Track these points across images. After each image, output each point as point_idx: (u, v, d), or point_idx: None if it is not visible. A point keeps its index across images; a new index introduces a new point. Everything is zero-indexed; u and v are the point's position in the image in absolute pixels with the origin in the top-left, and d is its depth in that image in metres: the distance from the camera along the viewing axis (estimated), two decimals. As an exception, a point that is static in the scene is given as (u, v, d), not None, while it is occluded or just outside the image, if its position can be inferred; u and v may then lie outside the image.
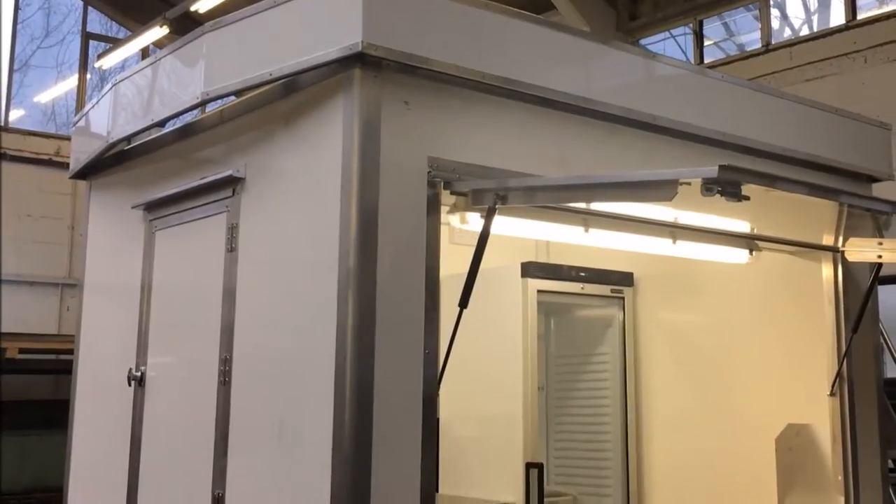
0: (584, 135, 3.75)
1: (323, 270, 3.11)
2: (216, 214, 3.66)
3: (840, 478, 4.42)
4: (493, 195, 3.18)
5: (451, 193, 3.28)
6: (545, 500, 5.08)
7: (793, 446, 4.68)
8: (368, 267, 3.05)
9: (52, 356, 10.91)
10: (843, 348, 4.49)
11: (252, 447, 3.38)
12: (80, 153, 4.69)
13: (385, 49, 3.10)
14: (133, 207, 4.22)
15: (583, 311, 5.93)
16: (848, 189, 4.48)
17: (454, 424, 5.47)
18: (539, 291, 5.36)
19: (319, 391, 3.06)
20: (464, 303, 3.20)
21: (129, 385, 4.03)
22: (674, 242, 4.21)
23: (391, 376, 3.07)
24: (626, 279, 5.70)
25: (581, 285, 5.57)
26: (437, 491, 5.16)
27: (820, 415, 4.56)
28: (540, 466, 5.05)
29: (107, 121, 4.31)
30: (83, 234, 4.78)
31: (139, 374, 3.99)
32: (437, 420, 5.31)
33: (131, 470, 4.01)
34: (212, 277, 3.62)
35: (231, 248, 3.55)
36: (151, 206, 4.11)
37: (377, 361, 3.04)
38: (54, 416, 6.82)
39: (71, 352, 4.82)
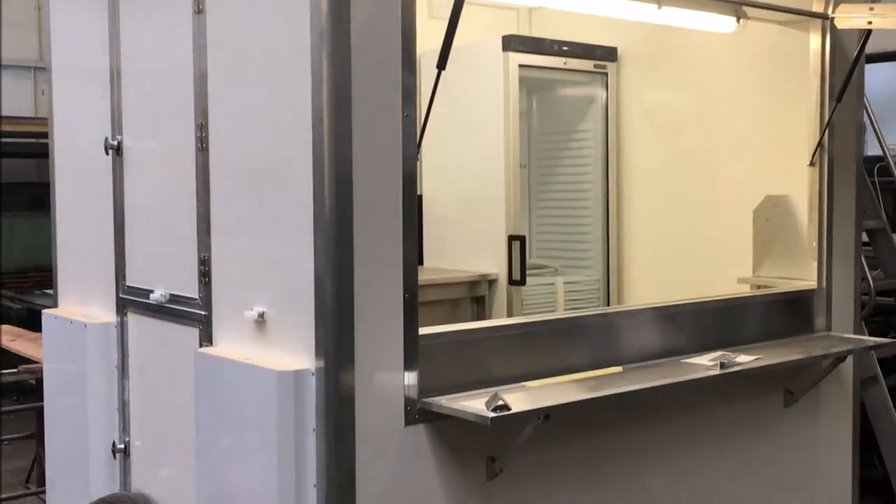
0: None
1: (294, 31, 3.01)
2: (181, -25, 3.50)
3: (814, 244, 4.52)
4: (470, -52, 3.04)
5: (427, -54, 3.14)
6: (527, 271, 5.23)
7: (770, 217, 4.76)
8: (342, 26, 2.95)
9: (32, 140, 10.82)
10: (826, 119, 4.47)
11: (234, 214, 3.40)
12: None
13: None
14: (95, -29, 4.03)
15: (565, 88, 5.86)
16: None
17: (438, 203, 5.53)
18: (521, 66, 5.27)
19: (297, 161, 3.03)
20: (442, 63, 3.11)
21: (107, 154, 3.99)
22: (659, 8, 4.09)
23: (370, 146, 3.02)
24: (609, 54, 5.60)
25: (564, 60, 5.48)
26: (421, 264, 5.30)
27: (798, 187, 4.61)
28: (522, 239, 5.16)
29: None
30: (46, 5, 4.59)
31: (116, 143, 3.95)
32: (420, 196, 5.37)
33: (117, 241, 4.05)
34: (181, 41, 3.50)
35: (199, 10, 3.42)
36: (114, -30, 3.93)
37: (354, 129, 2.99)
38: (40, 197, 6.83)
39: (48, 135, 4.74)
